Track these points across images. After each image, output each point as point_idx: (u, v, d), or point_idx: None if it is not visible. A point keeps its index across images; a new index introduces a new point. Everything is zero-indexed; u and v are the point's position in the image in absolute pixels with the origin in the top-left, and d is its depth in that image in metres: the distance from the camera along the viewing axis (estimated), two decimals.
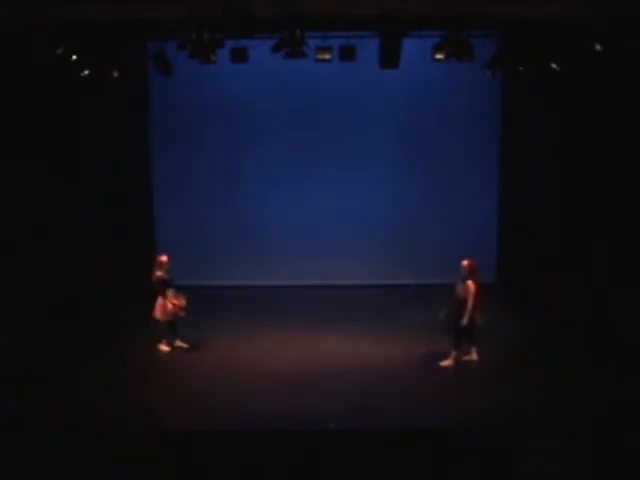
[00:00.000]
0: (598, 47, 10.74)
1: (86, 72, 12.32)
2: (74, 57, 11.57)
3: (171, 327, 11.75)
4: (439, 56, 11.47)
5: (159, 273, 11.52)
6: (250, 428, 9.03)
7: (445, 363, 10.92)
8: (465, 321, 10.63)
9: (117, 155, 14.81)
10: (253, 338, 12.19)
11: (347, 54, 12.20)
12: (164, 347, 11.75)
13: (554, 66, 12.19)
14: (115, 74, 12.93)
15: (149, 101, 15.20)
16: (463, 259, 12.46)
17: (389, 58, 11.22)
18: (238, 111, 15.26)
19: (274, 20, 10.23)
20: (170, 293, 11.55)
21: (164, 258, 11.62)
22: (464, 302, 10.65)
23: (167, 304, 11.52)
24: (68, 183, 14.32)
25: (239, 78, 14.57)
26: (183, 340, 11.89)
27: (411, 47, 11.69)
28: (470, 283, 10.69)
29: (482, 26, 11.55)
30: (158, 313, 11.58)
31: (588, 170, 13.79)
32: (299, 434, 8.75)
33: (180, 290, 11.66)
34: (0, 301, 12.13)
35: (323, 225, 15.32)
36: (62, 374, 10.71)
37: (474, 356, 11.06)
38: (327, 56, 12.16)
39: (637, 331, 11.45)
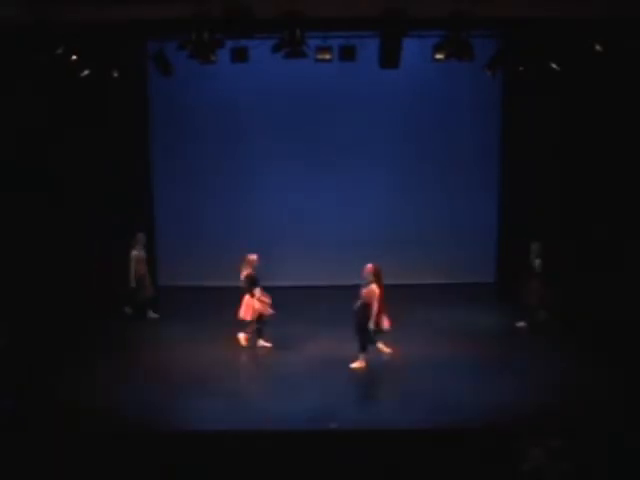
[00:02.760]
0: (598, 47, 10.75)
1: (86, 72, 12.32)
2: (74, 57, 11.58)
3: (259, 326, 11.75)
4: (439, 56, 11.47)
5: (248, 272, 11.53)
6: (250, 428, 9.03)
7: (355, 365, 10.89)
8: (372, 325, 10.63)
9: (117, 155, 14.80)
10: (252, 338, 12.17)
11: (347, 54, 12.20)
12: (243, 340, 11.78)
13: (554, 66, 12.20)
14: (115, 74, 12.94)
15: (149, 101, 15.20)
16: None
17: (389, 58, 11.22)
18: (238, 111, 15.26)
19: (274, 20, 10.23)
20: (257, 292, 11.52)
21: (254, 257, 11.62)
22: (368, 305, 10.67)
23: (255, 303, 11.53)
24: (68, 183, 14.32)
25: (239, 78, 14.56)
26: (267, 340, 11.88)
27: (411, 47, 11.69)
28: (374, 287, 10.71)
29: (482, 26, 11.55)
30: (245, 312, 11.62)
31: (588, 170, 13.79)
32: (299, 434, 8.75)
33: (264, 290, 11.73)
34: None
35: (323, 225, 15.32)
36: (62, 374, 10.71)
37: (386, 349, 11.02)
38: (327, 56, 12.16)
39: (637, 330, 11.45)
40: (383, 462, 8.37)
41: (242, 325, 11.82)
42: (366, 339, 10.82)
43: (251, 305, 11.60)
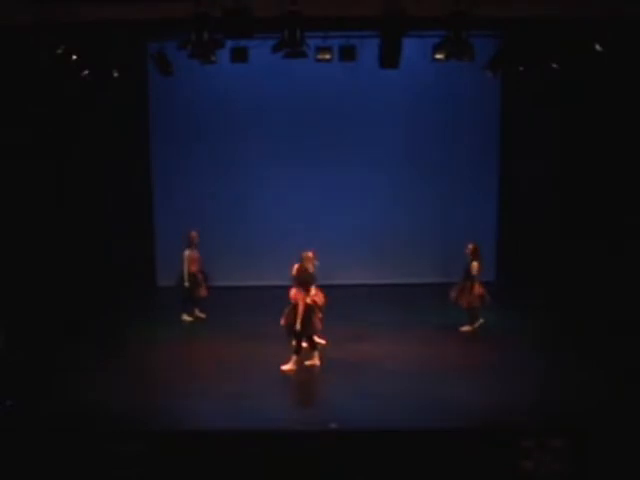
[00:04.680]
0: (598, 47, 10.74)
1: (86, 72, 12.32)
2: (74, 57, 11.58)
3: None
4: (439, 56, 11.46)
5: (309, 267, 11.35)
6: (250, 428, 9.02)
7: (286, 367, 10.86)
8: (298, 326, 10.62)
9: (117, 155, 14.81)
10: (253, 338, 12.18)
11: (347, 54, 12.20)
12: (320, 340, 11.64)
13: (554, 66, 12.20)
14: (115, 74, 12.95)
15: (149, 101, 15.21)
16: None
17: (389, 58, 11.21)
18: (238, 111, 15.27)
19: (274, 20, 10.22)
20: (313, 291, 11.34)
21: (310, 254, 11.45)
22: (296, 307, 10.69)
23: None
24: (68, 183, 14.32)
25: (239, 78, 14.57)
26: (320, 337, 11.75)
27: (411, 47, 11.68)
28: (299, 289, 10.72)
29: (482, 26, 11.54)
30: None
31: (588, 170, 13.79)
32: (300, 434, 8.75)
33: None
34: None
35: (323, 225, 15.32)
36: (61, 374, 10.71)
37: (316, 361, 10.94)
38: (327, 56, 12.16)
39: (637, 330, 11.45)
40: (383, 462, 8.37)
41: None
42: (300, 340, 10.80)
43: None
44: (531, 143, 14.80)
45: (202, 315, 13.37)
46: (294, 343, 10.86)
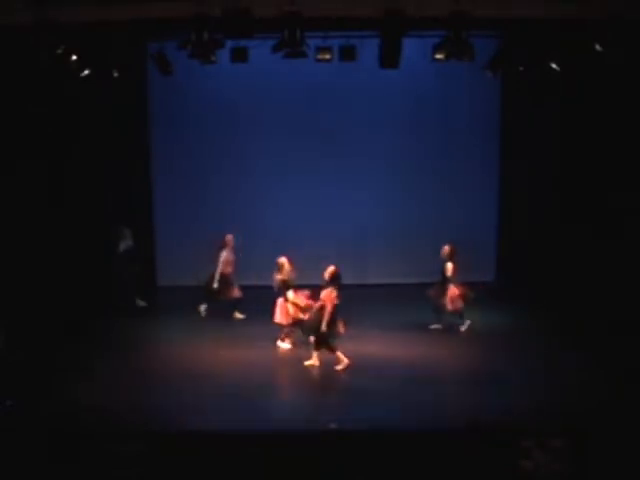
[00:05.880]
0: (598, 47, 10.75)
1: (86, 72, 12.32)
2: (74, 57, 11.58)
3: (292, 329, 11.75)
4: (439, 56, 11.47)
5: (280, 276, 11.55)
6: (250, 428, 9.02)
7: (308, 362, 10.90)
8: (324, 327, 10.63)
9: (117, 155, 14.81)
10: (253, 338, 12.18)
11: (347, 54, 12.21)
12: (283, 345, 11.78)
13: (554, 66, 12.20)
14: (115, 74, 12.95)
15: (149, 101, 15.21)
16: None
17: (389, 58, 11.22)
18: (238, 111, 15.27)
19: (274, 20, 10.23)
20: (290, 295, 11.54)
21: (283, 260, 11.63)
22: (323, 308, 10.70)
23: (288, 307, 11.55)
24: (68, 183, 14.32)
25: (239, 78, 14.57)
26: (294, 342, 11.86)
27: (411, 47, 11.69)
28: (332, 290, 10.73)
29: (482, 26, 11.55)
30: (280, 316, 11.63)
31: (588, 170, 13.79)
32: (299, 434, 8.75)
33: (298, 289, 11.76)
34: None
35: (323, 224, 15.33)
36: (62, 374, 10.71)
37: (344, 360, 10.87)
38: (327, 56, 12.17)
39: (637, 330, 11.45)
40: (383, 462, 8.37)
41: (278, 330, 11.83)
42: (326, 341, 10.80)
43: (284, 309, 11.60)
44: (531, 143, 14.80)
45: (241, 316, 13.43)
46: (313, 341, 10.87)
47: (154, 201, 15.62)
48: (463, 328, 12.57)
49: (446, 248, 12.45)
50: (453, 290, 12.38)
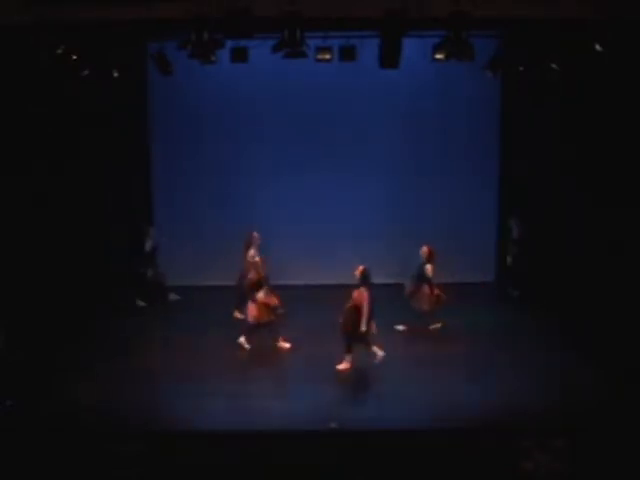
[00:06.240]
0: (598, 47, 10.75)
1: (86, 72, 12.32)
2: (74, 57, 11.58)
3: (267, 329, 11.72)
4: (439, 56, 11.46)
5: (251, 275, 11.54)
6: (250, 428, 9.03)
7: (341, 366, 10.90)
8: (363, 327, 10.66)
9: (117, 155, 14.80)
10: (252, 338, 12.18)
11: (347, 54, 12.20)
12: (245, 344, 11.77)
13: (554, 66, 12.20)
14: (115, 74, 12.94)
15: (149, 101, 15.20)
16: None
17: (389, 58, 11.21)
18: (238, 111, 15.26)
19: (274, 20, 10.23)
20: (261, 295, 11.53)
21: (257, 259, 11.62)
22: (359, 308, 10.68)
23: (257, 307, 11.56)
24: (67, 183, 14.31)
25: (239, 78, 14.56)
26: (284, 340, 11.86)
27: (411, 47, 11.68)
28: (363, 289, 10.74)
29: (482, 26, 11.55)
30: (250, 316, 11.64)
31: (588, 170, 13.78)
32: (299, 434, 8.75)
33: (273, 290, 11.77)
34: None
35: (323, 224, 15.32)
36: (62, 374, 10.71)
37: (379, 352, 10.96)
38: (327, 56, 12.16)
39: (637, 331, 11.45)
40: (383, 462, 8.37)
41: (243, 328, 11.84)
42: (352, 341, 10.81)
43: (254, 309, 11.61)
44: (531, 143, 14.79)
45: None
46: (347, 342, 10.89)
47: (154, 201, 15.61)
48: (432, 327, 12.58)
49: (425, 249, 12.51)
50: (429, 290, 12.41)
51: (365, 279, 10.84)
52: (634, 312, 11.82)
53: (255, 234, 13.21)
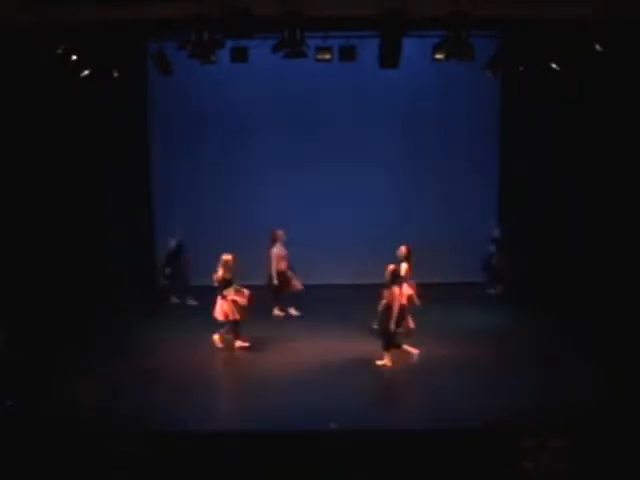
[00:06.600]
0: (598, 47, 10.75)
1: (86, 72, 12.33)
2: (74, 57, 11.58)
3: (233, 326, 11.73)
4: (439, 56, 11.47)
5: (221, 272, 11.55)
6: (250, 428, 9.03)
7: (380, 362, 10.90)
8: (392, 326, 10.67)
9: (117, 155, 14.80)
10: (252, 338, 12.17)
11: (347, 54, 12.21)
12: (218, 341, 11.76)
13: (554, 66, 12.20)
14: (115, 74, 12.95)
15: (149, 101, 15.21)
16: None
17: (389, 58, 11.22)
18: (238, 111, 15.27)
19: (274, 20, 10.23)
20: (231, 293, 11.53)
21: (228, 257, 11.64)
22: (390, 307, 10.70)
23: (224, 305, 11.54)
24: (67, 183, 14.31)
25: (239, 78, 14.57)
26: (244, 340, 11.83)
27: (411, 47, 11.68)
28: (394, 288, 10.73)
29: (482, 26, 11.55)
30: (218, 313, 11.64)
31: (588, 170, 13.78)
32: (299, 434, 8.75)
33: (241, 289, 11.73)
34: None
35: (323, 224, 15.33)
36: (62, 374, 10.71)
37: (413, 351, 10.98)
38: (327, 56, 12.17)
39: (637, 331, 11.45)
40: (383, 462, 8.37)
41: (219, 325, 11.86)
42: (389, 339, 10.83)
43: (222, 306, 11.60)
44: (531, 143, 14.79)
45: (297, 313, 13.46)
46: (384, 340, 10.88)
47: (154, 201, 15.61)
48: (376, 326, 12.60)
49: (403, 249, 12.46)
50: (406, 290, 12.39)
51: (395, 278, 10.83)
52: (634, 312, 11.82)
53: (279, 231, 13.28)
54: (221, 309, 11.60)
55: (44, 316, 12.47)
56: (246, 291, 11.68)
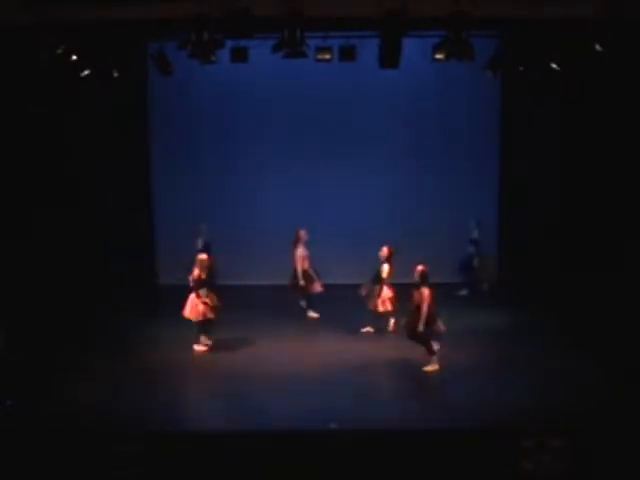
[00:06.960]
0: (598, 47, 10.75)
1: (86, 72, 12.33)
2: (74, 57, 11.58)
3: (202, 327, 11.72)
4: (439, 56, 11.46)
5: (197, 272, 11.55)
6: (250, 428, 9.02)
7: (428, 368, 10.82)
8: (421, 327, 10.63)
9: (117, 155, 14.81)
10: (252, 338, 12.18)
11: (347, 54, 12.21)
12: (199, 347, 11.72)
13: (554, 66, 12.20)
14: (115, 74, 12.95)
15: (149, 101, 15.21)
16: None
17: (389, 58, 11.22)
18: (238, 111, 15.28)
19: (274, 20, 10.23)
20: (202, 293, 11.55)
21: (203, 257, 11.66)
22: (418, 308, 10.68)
23: (198, 304, 11.53)
24: (67, 183, 14.32)
25: (239, 78, 14.57)
26: (207, 338, 11.78)
27: (411, 47, 11.69)
28: (424, 289, 10.71)
29: (482, 26, 11.55)
30: (188, 312, 11.61)
31: (588, 170, 13.79)
32: (299, 434, 8.75)
33: (219, 290, 11.77)
34: None
35: (323, 224, 15.30)
36: (62, 374, 10.71)
37: (435, 366, 10.87)
38: (327, 56, 12.17)
39: (636, 331, 11.45)
40: (383, 462, 8.37)
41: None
42: (427, 341, 10.80)
43: (194, 305, 11.59)
44: (531, 143, 14.80)
45: (315, 315, 13.44)
46: (424, 345, 10.81)
47: (154, 201, 15.61)
48: (366, 330, 12.59)
49: (385, 249, 12.46)
50: (386, 292, 12.39)
51: (425, 279, 10.79)
52: (634, 312, 11.82)
53: (302, 232, 13.26)
54: (196, 309, 11.58)
55: (44, 316, 12.47)
56: (215, 298, 11.67)
